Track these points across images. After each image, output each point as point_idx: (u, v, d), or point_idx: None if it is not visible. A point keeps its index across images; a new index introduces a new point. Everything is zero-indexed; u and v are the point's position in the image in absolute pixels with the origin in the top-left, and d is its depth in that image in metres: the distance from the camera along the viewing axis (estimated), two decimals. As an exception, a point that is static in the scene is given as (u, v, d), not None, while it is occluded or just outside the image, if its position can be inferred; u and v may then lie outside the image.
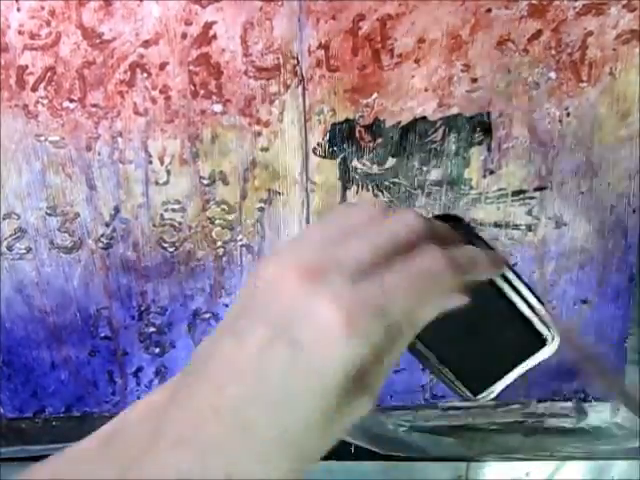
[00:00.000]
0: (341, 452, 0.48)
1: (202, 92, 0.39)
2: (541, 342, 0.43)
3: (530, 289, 0.43)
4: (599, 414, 0.48)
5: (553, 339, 0.44)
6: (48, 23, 0.38)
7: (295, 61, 0.39)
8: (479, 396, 0.43)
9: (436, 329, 0.42)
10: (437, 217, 0.42)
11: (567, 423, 0.48)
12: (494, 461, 0.49)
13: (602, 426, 0.48)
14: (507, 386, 0.44)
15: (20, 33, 0.38)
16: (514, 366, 0.43)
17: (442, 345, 0.43)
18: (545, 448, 0.48)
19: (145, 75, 0.39)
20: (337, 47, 0.39)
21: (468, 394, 0.43)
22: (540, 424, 0.48)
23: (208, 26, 0.38)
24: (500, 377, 0.43)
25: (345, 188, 0.41)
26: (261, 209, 0.42)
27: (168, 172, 0.41)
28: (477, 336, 0.42)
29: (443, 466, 0.49)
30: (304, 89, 0.39)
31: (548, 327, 0.43)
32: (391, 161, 0.41)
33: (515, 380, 0.44)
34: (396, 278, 0.23)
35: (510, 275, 0.42)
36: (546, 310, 0.43)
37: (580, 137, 0.41)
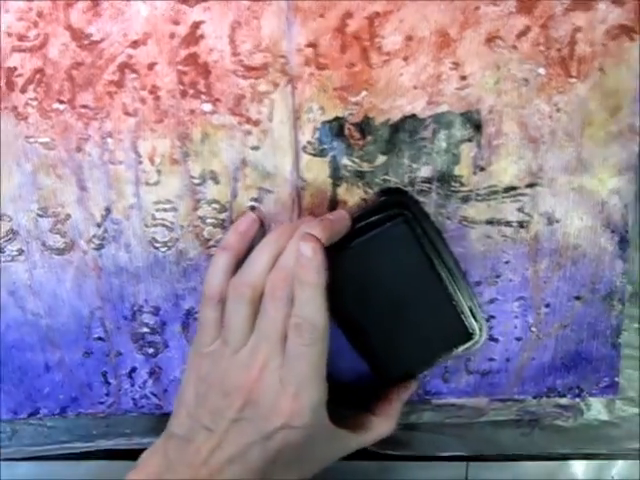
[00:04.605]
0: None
1: (191, 92, 0.40)
2: (467, 335, 0.43)
3: (467, 281, 0.43)
4: (595, 411, 0.47)
5: (480, 335, 0.43)
6: (36, 24, 0.38)
7: (284, 60, 0.39)
8: (391, 376, 0.43)
9: (370, 307, 0.41)
10: (383, 191, 0.42)
11: (562, 421, 0.47)
12: (494, 461, 0.49)
13: (598, 424, 0.47)
14: (424, 372, 0.44)
15: (8, 35, 0.38)
16: (435, 354, 0.43)
17: (371, 321, 0.42)
18: (541, 447, 0.48)
19: (134, 75, 0.39)
20: (326, 45, 0.39)
21: (382, 372, 0.43)
22: (535, 422, 0.48)
23: (196, 26, 0.38)
24: (419, 363, 0.43)
25: (335, 186, 0.41)
26: (252, 207, 0.42)
27: (159, 172, 0.41)
28: (407, 319, 0.42)
29: (443, 466, 0.49)
30: (293, 87, 0.39)
31: (477, 322, 0.43)
32: (381, 158, 0.41)
33: (433, 367, 0.44)
34: None
35: (451, 264, 0.42)
36: (478, 305, 0.43)
37: (570, 133, 0.41)
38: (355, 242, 0.40)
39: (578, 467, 0.49)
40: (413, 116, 0.40)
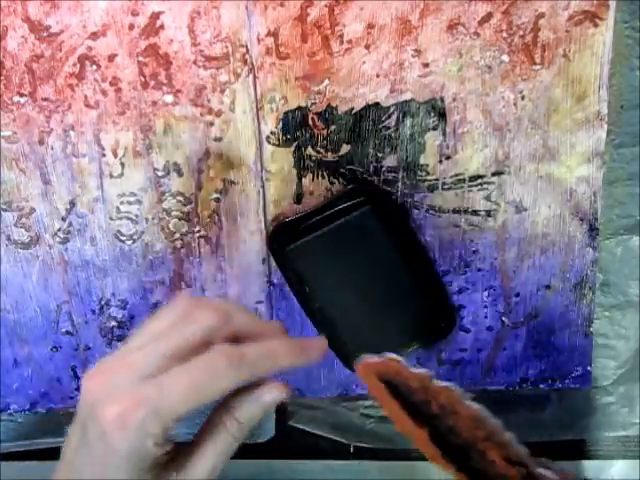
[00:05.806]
0: (341, 451, 0.48)
1: (152, 83, 0.39)
2: (437, 325, 0.43)
3: (435, 270, 0.42)
4: (566, 401, 0.47)
5: (449, 324, 0.43)
6: (-8, 16, 0.37)
7: (244, 49, 0.39)
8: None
9: (337, 296, 0.41)
10: (349, 181, 0.42)
11: (535, 410, 0.47)
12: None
13: (570, 413, 0.47)
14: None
15: (-34, 28, 0.38)
16: (404, 344, 0.43)
17: (339, 310, 0.41)
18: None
19: (94, 67, 0.39)
20: (286, 34, 0.38)
21: (351, 363, 0.42)
22: (506, 412, 0.47)
23: (155, 16, 0.38)
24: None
25: (300, 176, 0.41)
26: (217, 199, 0.42)
27: (122, 164, 0.41)
28: (375, 308, 0.41)
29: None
30: (255, 77, 0.39)
31: (447, 311, 0.43)
32: (345, 148, 0.41)
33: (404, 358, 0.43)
34: (174, 377, 0.28)
35: (419, 253, 0.42)
36: (447, 295, 0.43)
37: (536, 120, 0.40)
38: (322, 231, 0.39)
39: (578, 467, 0.49)
40: (376, 104, 0.40)
